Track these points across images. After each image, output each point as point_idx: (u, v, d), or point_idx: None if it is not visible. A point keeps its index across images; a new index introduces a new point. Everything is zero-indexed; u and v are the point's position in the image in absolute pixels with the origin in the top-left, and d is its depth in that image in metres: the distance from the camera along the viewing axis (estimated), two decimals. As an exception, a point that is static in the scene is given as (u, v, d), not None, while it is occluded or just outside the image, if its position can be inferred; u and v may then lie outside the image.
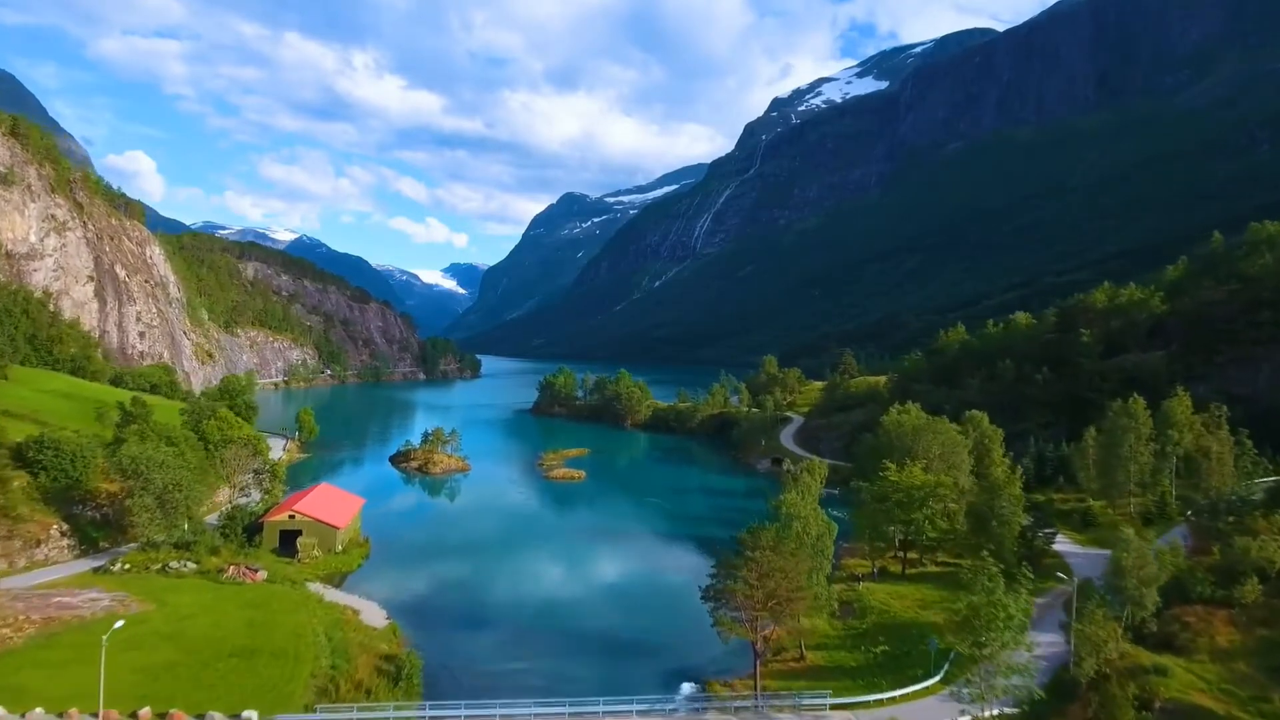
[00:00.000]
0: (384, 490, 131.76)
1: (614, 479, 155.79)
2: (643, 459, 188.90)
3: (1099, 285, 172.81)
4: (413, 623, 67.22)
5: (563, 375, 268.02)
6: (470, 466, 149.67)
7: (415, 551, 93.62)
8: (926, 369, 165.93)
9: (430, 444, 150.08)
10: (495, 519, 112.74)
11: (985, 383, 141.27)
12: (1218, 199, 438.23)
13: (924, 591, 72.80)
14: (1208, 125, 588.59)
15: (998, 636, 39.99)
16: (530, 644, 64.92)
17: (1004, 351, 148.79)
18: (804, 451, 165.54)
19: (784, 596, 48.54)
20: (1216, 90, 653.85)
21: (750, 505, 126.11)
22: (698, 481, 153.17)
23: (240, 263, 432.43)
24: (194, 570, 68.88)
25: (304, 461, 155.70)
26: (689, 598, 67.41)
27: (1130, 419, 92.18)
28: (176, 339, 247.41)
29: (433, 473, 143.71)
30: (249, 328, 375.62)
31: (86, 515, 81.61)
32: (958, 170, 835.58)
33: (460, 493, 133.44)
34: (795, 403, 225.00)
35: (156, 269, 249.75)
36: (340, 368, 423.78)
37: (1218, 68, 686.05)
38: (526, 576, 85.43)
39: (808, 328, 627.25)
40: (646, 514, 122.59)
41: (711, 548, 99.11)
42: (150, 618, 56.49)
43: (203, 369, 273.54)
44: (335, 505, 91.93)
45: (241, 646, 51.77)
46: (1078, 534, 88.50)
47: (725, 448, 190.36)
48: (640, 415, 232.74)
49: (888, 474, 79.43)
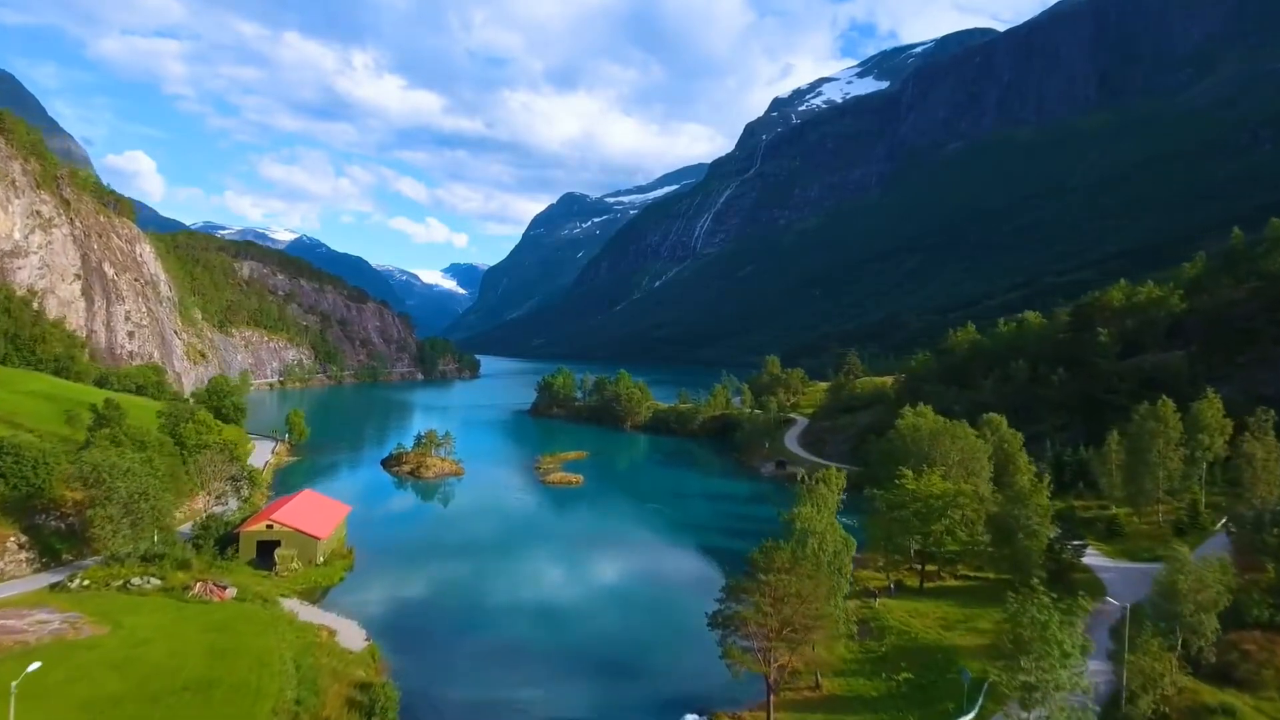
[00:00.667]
0: (373, 496, 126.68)
1: (613, 483, 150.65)
2: (643, 462, 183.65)
3: (1101, 285, 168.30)
4: (395, 643, 62.19)
5: (561, 376, 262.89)
6: (464, 470, 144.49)
7: (402, 562, 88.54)
8: (936, 369, 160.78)
9: (423, 447, 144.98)
10: (488, 526, 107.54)
11: (998, 384, 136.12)
12: (1219, 199, 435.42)
13: (945, 609, 67.72)
14: (1209, 125, 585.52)
15: (1052, 678, 34.97)
16: (521, 667, 59.85)
17: (1016, 351, 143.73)
18: (809, 455, 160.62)
19: (801, 624, 43.49)
20: (1217, 90, 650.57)
21: (755, 512, 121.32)
22: (699, 486, 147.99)
23: (236, 262, 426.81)
24: (158, 587, 63.79)
25: (293, 465, 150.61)
26: (693, 616, 62.29)
27: (1158, 422, 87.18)
28: (167, 339, 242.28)
29: (425, 477, 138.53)
30: (244, 327, 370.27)
31: (50, 526, 76.51)
32: (958, 170, 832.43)
33: (453, 498, 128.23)
34: (799, 404, 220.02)
35: (146, 267, 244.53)
36: (337, 368, 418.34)
37: (1219, 67, 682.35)
38: (519, 590, 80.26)
39: (808, 328, 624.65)
40: (647, 521, 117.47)
41: (716, 559, 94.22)
42: (102, 643, 51.39)
43: (195, 369, 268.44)
44: (317, 513, 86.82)
45: (198, 678, 46.65)
46: (1104, 545, 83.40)
47: (727, 450, 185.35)
48: (640, 417, 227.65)
49: (904, 481, 74.36)
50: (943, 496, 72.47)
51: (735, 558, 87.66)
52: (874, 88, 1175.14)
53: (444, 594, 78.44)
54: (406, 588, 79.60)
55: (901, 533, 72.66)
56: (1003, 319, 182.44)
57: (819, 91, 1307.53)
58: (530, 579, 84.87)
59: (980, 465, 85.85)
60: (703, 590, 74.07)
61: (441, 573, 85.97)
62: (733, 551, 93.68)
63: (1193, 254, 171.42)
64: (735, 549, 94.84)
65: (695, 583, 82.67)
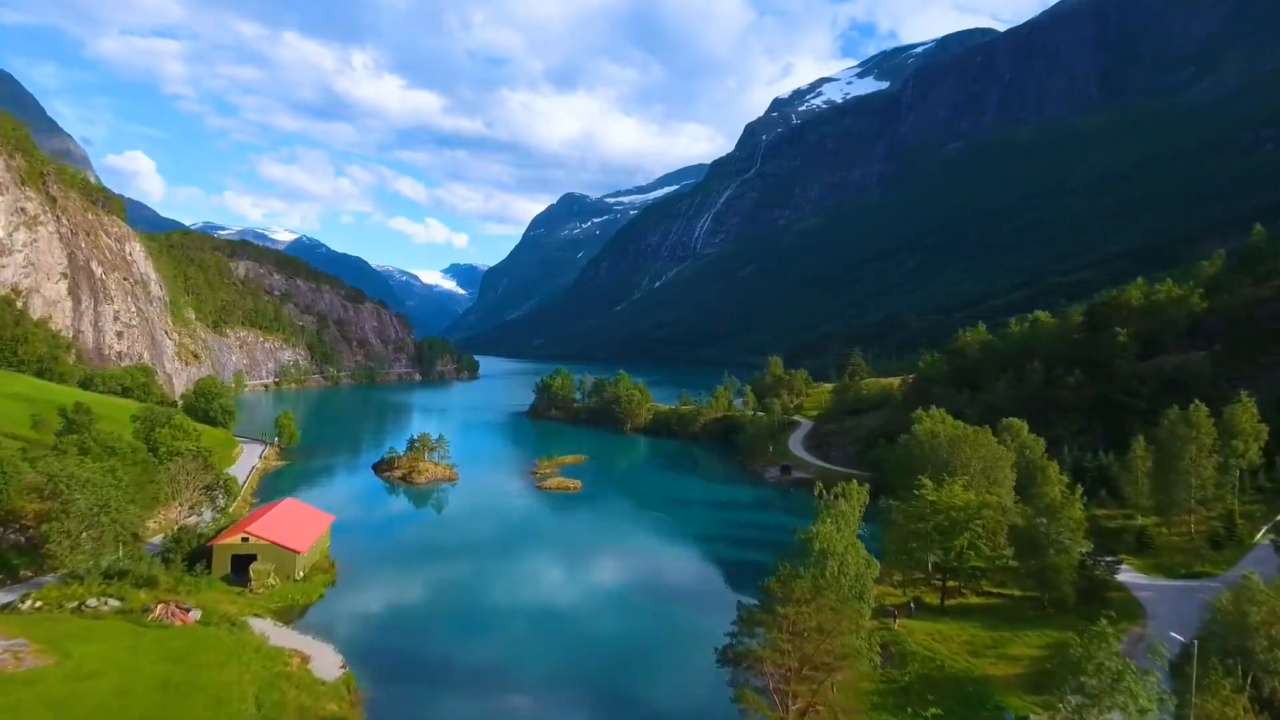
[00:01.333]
0: (362, 502, 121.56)
1: (613, 488, 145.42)
2: (643, 465, 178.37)
3: (1105, 285, 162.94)
4: (375, 669, 57.11)
5: (560, 377, 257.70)
6: (458, 475, 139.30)
7: (388, 576, 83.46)
8: (945, 370, 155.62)
9: (415, 451, 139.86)
10: (480, 536, 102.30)
11: (1012, 386, 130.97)
12: (1221, 198, 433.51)
13: (971, 631, 62.63)
14: (1210, 124, 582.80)
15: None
16: (510, 700, 54.74)
17: (1029, 352, 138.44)
18: (814, 458, 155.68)
19: (823, 662, 38.45)
20: (1219, 89, 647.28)
21: (761, 519, 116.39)
22: (702, 492, 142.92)
23: (232, 262, 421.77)
24: (116, 609, 58.66)
25: (283, 469, 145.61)
26: (697, 641, 57.35)
27: (1190, 428, 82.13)
28: (157, 339, 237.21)
29: (417, 483, 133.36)
30: (239, 328, 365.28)
31: (9, 539, 71.60)
32: (959, 170, 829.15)
33: (445, 504, 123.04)
34: (803, 405, 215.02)
35: (136, 266, 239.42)
36: (334, 369, 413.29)
37: (1220, 67, 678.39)
38: (511, 608, 75.10)
39: (808, 328, 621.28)
40: (647, 529, 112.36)
41: (723, 571, 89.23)
42: (44, 676, 46.28)
43: (187, 370, 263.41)
44: (298, 524, 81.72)
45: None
46: (1135, 559, 78.30)
47: (730, 453, 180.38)
48: (640, 419, 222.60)
49: (924, 492, 69.30)
50: (966, 508, 67.42)
51: (742, 569, 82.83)
52: (874, 88, 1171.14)
53: (430, 612, 73.39)
54: (391, 605, 74.55)
55: (922, 547, 67.63)
56: (1014, 319, 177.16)
57: (819, 91, 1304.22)
58: (524, 595, 79.75)
59: (1003, 474, 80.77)
60: (709, 607, 69.18)
61: (429, 588, 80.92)
62: (740, 563, 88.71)
63: (1195, 253, 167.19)
64: (742, 560, 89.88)
65: (699, 601, 77.77)
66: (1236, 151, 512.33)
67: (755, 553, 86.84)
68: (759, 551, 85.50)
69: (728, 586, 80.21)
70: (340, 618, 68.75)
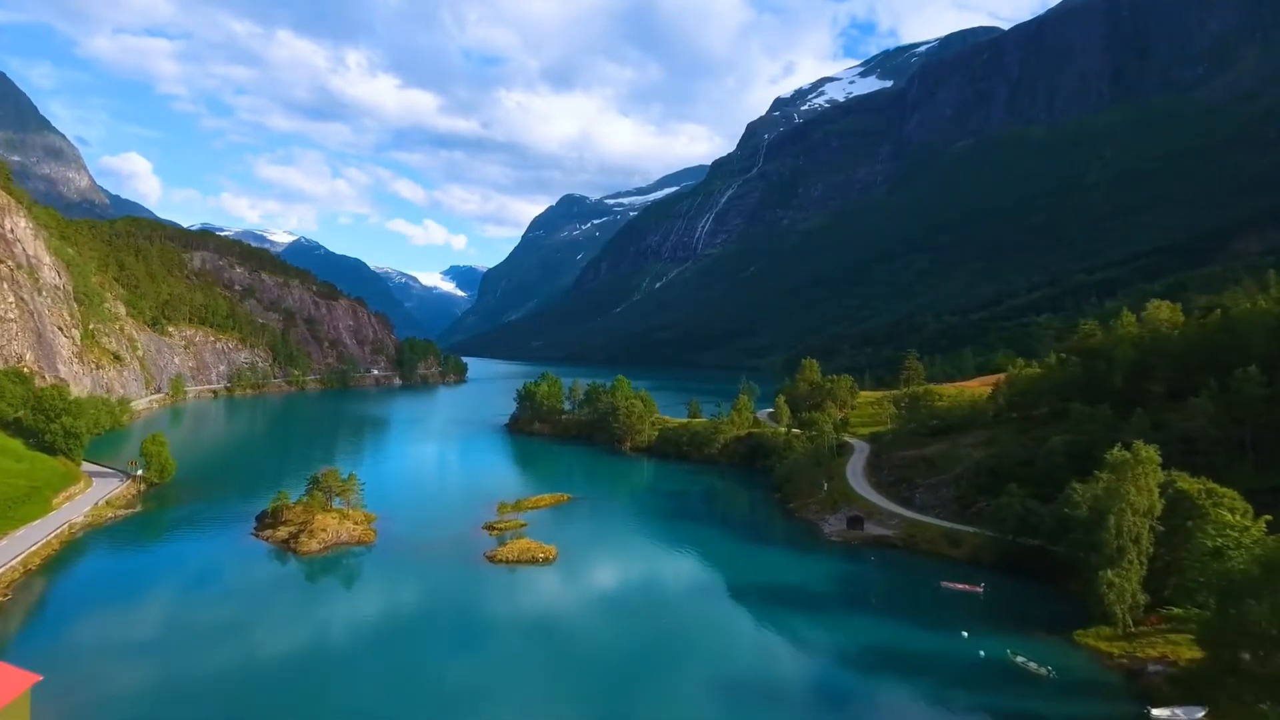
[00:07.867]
0: (197, 588, 75.46)
1: (601, 556, 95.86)
2: (647, 510, 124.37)
3: (1135, 283, 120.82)
4: None
5: (545, 383, 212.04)
6: (375, 534, 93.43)
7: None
8: (1074, 376, 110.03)
9: (312, 498, 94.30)
10: (351, 697, 56.17)
11: (1214, 401, 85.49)
12: (1248, 194, 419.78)
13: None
14: (1231, 120, 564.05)
15: None
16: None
17: (1222, 352, 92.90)
18: (889, 502, 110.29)
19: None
20: (1237, 84, 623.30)
21: (847, 623, 69.35)
22: (737, 563, 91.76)
23: (186, 252, 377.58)
24: None
25: (128, 518, 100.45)
26: None
27: None
28: (46, 337, 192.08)
29: (307, 549, 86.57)
30: (185, 325, 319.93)
31: None
32: (968, 169, 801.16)
33: (327, 603, 75.14)
34: (848, 419, 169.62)
35: (21, 247, 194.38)
36: (299, 372, 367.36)
37: (1238, 61, 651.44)
38: None
39: (814, 330, 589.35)
40: (662, 677, 61.04)
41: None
42: None
43: (95, 374, 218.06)
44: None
45: None
46: None
47: (759, 483, 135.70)
48: (643, 436, 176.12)
49: None
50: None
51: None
52: (877, 87, 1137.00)
53: None
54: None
55: None
56: (1152, 300, 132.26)
57: (821, 91, 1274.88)
58: None
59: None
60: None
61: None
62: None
63: (1232, 250, 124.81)
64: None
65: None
66: (1261, 147, 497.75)
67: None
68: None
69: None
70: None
